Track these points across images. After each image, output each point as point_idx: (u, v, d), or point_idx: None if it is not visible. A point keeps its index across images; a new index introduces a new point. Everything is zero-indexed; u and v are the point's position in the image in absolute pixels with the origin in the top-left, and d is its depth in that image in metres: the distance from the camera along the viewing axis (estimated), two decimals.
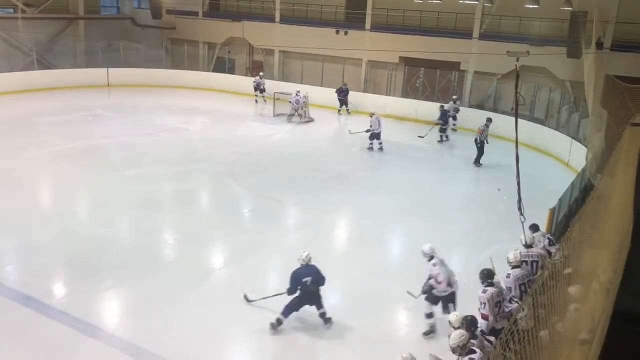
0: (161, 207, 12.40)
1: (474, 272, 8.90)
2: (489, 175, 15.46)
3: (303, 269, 7.87)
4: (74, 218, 11.55)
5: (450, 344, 5.49)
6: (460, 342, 5.42)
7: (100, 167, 14.49)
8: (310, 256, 7.99)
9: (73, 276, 9.15)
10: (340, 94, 21.99)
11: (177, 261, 10.04)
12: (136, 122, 19.30)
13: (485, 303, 6.55)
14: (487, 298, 6.56)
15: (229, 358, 7.47)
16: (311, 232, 11.40)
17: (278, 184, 13.92)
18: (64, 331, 7.53)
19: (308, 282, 7.78)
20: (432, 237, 10.95)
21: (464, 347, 5.45)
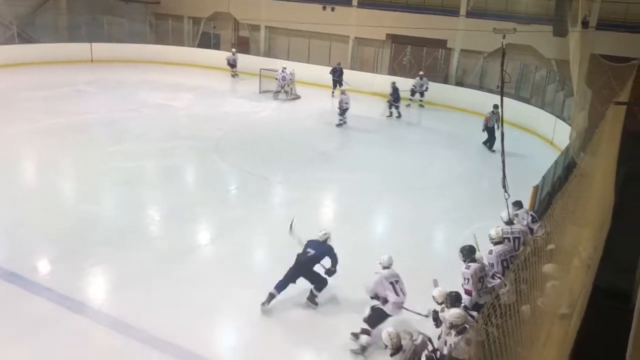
0: (146, 184, 12.33)
1: (457, 248, 9.04)
2: (472, 152, 15.56)
3: (313, 242, 7.93)
4: (58, 194, 11.47)
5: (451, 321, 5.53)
6: (459, 321, 5.49)
7: (84, 143, 14.33)
8: (327, 236, 8.03)
9: (58, 252, 9.11)
10: (335, 74, 21.58)
11: (163, 237, 10.04)
12: (120, 98, 19.07)
13: (469, 279, 6.65)
14: (471, 274, 6.66)
15: (216, 334, 7.51)
16: (296, 210, 11.41)
17: (264, 161, 13.89)
18: (50, 307, 7.52)
19: (309, 254, 7.79)
20: (416, 214, 11.13)
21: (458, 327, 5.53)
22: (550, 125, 16.76)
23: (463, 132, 17.66)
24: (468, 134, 17.14)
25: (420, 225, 10.87)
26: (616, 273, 8.24)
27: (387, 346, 5.30)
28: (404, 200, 11.97)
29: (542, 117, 17.46)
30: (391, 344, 5.27)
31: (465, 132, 17.54)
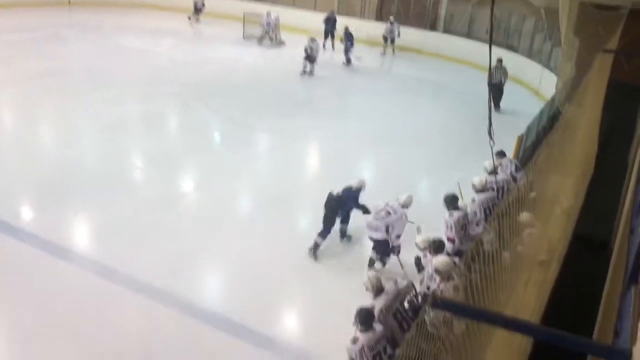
0: (128, 131, 12.16)
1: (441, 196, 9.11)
2: (458, 102, 15.50)
3: (347, 189, 8.17)
4: (40, 141, 11.29)
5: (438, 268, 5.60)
6: (446, 268, 5.56)
7: (64, 89, 14.01)
8: (363, 184, 8.29)
9: (42, 199, 9.04)
10: (328, 23, 20.24)
11: (147, 184, 9.99)
12: (101, 43, 18.54)
13: (452, 226, 6.73)
14: (454, 222, 6.74)
15: (201, 278, 7.58)
16: (280, 157, 11.41)
17: (247, 108, 13.73)
18: (34, 254, 7.52)
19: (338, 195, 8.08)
20: (401, 163, 11.15)
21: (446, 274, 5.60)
22: (536, 75, 16.69)
23: (450, 81, 17.55)
24: (455, 83, 17.05)
25: (404, 173, 10.91)
26: (596, 221, 8.40)
27: (369, 289, 5.38)
28: (388, 148, 11.97)
29: (529, 67, 17.36)
30: (372, 287, 5.36)
31: (452, 81, 17.43)
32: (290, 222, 9.14)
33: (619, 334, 3.31)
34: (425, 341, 3.09)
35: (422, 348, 2.96)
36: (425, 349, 3.03)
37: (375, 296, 5.37)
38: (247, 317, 6.70)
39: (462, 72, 18.15)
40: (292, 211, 9.47)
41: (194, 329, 6.51)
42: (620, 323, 3.38)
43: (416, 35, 20.85)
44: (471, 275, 3.73)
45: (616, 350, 2.64)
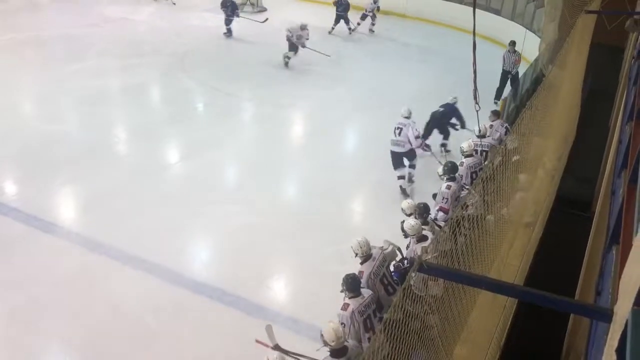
0: (110, 103, 11.98)
1: (428, 161, 9.20)
2: (446, 67, 15.43)
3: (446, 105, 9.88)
4: (17, 114, 11.09)
5: (410, 233, 5.70)
6: (416, 232, 5.65)
7: (42, 60, 13.73)
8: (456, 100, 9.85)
9: (24, 173, 8.95)
10: (339, 7, 18.23)
11: (131, 156, 9.91)
12: (77, 12, 18.06)
13: (448, 198, 6.80)
14: (450, 194, 6.80)
15: (189, 249, 7.61)
16: (267, 126, 11.35)
17: (231, 77, 13.56)
18: (19, 228, 7.49)
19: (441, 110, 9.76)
20: (388, 127, 11.11)
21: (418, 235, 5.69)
22: (519, 37, 16.61)
23: (436, 45, 17.42)
24: (441, 47, 16.93)
25: None
26: (578, 182, 8.52)
27: (357, 254, 5.43)
28: (375, 114, 11.91)
29: (512, 29, 17.24)
30: (361, 252, 5.41)
31: (439, 45, 17.31)
32: (278, 189, 9.17)
33: (600, 293, 3.40)
34: (412, 304, 3.15)
35: (409, 310, 3.02)
36: (412, 311, 3.10)
37: (363, 262, 5.43)
38: (237, 286, 6.77)
39: (448, 36, 17.98)
40: (280, 179, 9.49)
41: (185, 298, 6.57)
42: (602, 282, 3.47)
43: None
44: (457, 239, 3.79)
45: (598, 309, 2.72)
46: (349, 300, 4.93)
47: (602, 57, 12.55)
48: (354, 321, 4.87)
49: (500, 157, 4.69)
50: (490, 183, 4.31)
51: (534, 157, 6.49)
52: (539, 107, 5.79)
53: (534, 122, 5.67)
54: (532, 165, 6.53)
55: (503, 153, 4.69)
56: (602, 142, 9.34)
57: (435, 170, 7.35)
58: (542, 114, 6.10)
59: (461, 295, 3.93)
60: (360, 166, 9.95)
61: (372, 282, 5.31)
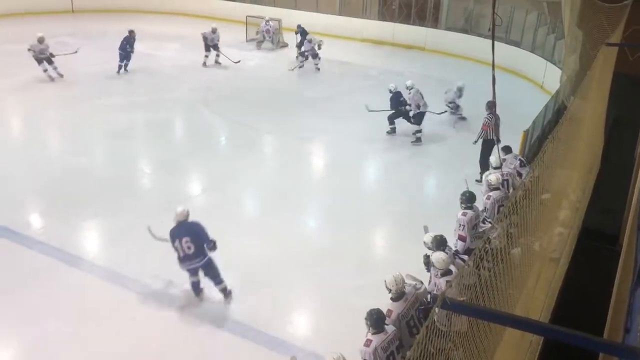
0: (135, 136, 12.22)
1: (450, 193, 9.14)
2: (463, 98, 15.45)
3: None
4: (46, 148, 11.37)
5: (437, 266, 5.63)
6: (445, 265, 5.57)
7: (70, 96, 14.10)
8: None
9: (50, 206, 9.11)
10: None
11: (155, 189, 10.04)
12: (104, 50, 18.60)
13: (464, 225, 6.74)
14: (467, 221, 6.75)
15: (208, 283, 7.60)
16: (287, 159, 11.43)
17: (252, 111, 13.75)
18: (44, 261, 7.59)
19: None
20: (406, 161, 11.15)
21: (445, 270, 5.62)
22: (540, 69, 16.63)
23: (454, 78, 17.47)
24: (459, 79, 16.97)
25: (411, 171, 10.92)
26: (604, 215, 8.37)
27: (391, 290, 5.30)
28: (394, 146, 11.96)
29: (532, 61, 17.29)
30: (395, 289, 5.27)
31: (456, 78, 17.36)
32: (299, 221, 9.17)
33: (629, 331, 3.31)
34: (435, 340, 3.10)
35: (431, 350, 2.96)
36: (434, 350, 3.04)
37: (395, 300, 5.30)
38: (258, 319, 6.73)
39: (466, 68, 18.10)
40: (300, 211, 9.50)
41: (207, 332, 6.55)
42: (631, 320, 3.38)
43: (419, 33, 20.83)
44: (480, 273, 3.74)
45: (626, 348, 2.64)
46: (372, 336, 4.86)
47: (625, 87, 12.46)
48: (376, 357, 4.79)
49: (522, 190, 4.64)
50: (514, 215, 4.26)
51: (558, 189, 6.41)
52: (562, 139, 5.74)
53: (557, 153, 5.62)
54: (556, 198, 6.45)
55: (524, 185, 4.64)
56: (627, 173, 9.20)
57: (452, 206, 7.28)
58: (565, 145, 6.05)
59: (486, 330, 3.86)
60: (380, 198, 9.94)
61: (398, 323, 5.21)
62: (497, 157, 8.25)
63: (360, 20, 22.18)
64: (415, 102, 11.87)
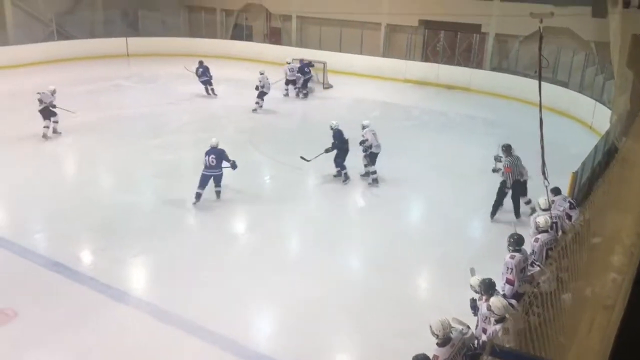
0: (183, 175, 12.52)
1: (496, 235, 8.97)
2: (509, 139, 15.26)
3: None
4: (98, 186, 11.76)
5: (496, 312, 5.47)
6: (502, 312, 5.42)
7: (122, 136, 14.64)
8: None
9: (99, 243, 9.37)
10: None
11: (201, 228, 10.22)
12: (156, 92, 19.37)
13: (512, 268, 6.59)
14: (515, 264, 6.59)
15: (253, 321, 7.62)
16: (331, 199, 11.47)
17: (297, 151, 13.91)
18: (93, 296, 7.76)
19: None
20: (454, 200, 11.02)
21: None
22: (589, 110, 16.34)
23: (501, 117, 17.38)
24: (506, 119, 16.88)
25: (458, 211, 10.77)
26: None
27: (437, 335, 5.18)
28: (440, 186, 11.87)
29: (580, 101, 17.02)
30: (442, 334, 5.14)
31: (504, 117, 17.26)
32: (342, 262, 9.14)
33: None
34: None
35: None
36: None
37: (442, 345, 5.18)
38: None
39: (513, 108, 17.98)
40: (344, 251, 9.48)
41: None
42: None
43: (463, 73, 20.88)
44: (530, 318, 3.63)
45: None
46: None
47: None
48: None
49: (572, 233, 4.53)
50: (565, 259, 4.15)
51: (610, 233, 6.21)
52: (614, 181, 5.60)
53: (608, 196, 5.48)
54: (609, 242, 6.24)
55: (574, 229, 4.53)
56: None
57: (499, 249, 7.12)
58: (617, 187, 5.89)
59: None
60: (425, 239, 9.83)
61: None
62: (546, 199, 8.09)
63: (403, 62, 22.41)
64: (370, 141, 11.88)
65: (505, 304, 5.44)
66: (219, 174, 10.70)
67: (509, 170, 9.95)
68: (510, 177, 9.97)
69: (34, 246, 9.04)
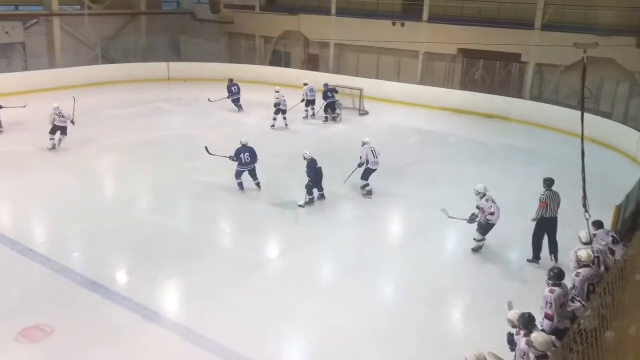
0: (218, 198, 12.66)
1: (536, 269, 8.74)
2: (550, 170, 14.94)
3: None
4: (136, 207, 11.97)
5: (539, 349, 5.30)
6: (547, 349, 5.25)
7: (161, 158, 14.93)
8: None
9: (135, 263, 9.51)
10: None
11: (234, 250, 10.26)
12: (195, 115, 19.76)
13: (552, 303, 6.38)
14: (555, 298, 6.39)
15: (281, 347, 7.56)
16: (365, 225, 11.40)
17: (332, 176, 13.90)
18: (128, 316, 7.84)
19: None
20: (491, 233, 10.78)
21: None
22: (633, 141, 15.92)
23: (540, 148, 17.08)
24: (547, 150, 16.58)
25: (495, 244, 10.54)
26: None
27: None
28: None
29: (624, 133, 16.60)
30: None
31: (544, 148, 16.96)
32: (375, 290, 9.03)
33: None
34: None
35: None
36: None
37: None
38: None
39: (554, 139, 17.67)
40: (377, 279, 9.37)
41: None
42: None
43: (503, 102, 20.67)
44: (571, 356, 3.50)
45: None
46: None
47: None
48: None
49: (616, 269, 4.38)
50: (608, 296, 4.01)
51: None
52: None
53: None
54: None
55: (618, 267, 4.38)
56: None
57: None
58: None
59: None
60: (460, 270, 9.64)
61: None
62: (587, 233, 7.86)
63: (441, 89, 22.35)
64: (366, 158, 12.60)
65: (549, 340, 5.25)
66: (253, 168, 12.60)
67: (544, 206, 9.59)
68: (545, 213, 9.59)
69: (73, 265, 9.22)
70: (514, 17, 21.09)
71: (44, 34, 24.58)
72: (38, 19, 24.28)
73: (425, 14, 23.20)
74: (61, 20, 24.75)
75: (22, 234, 10.25)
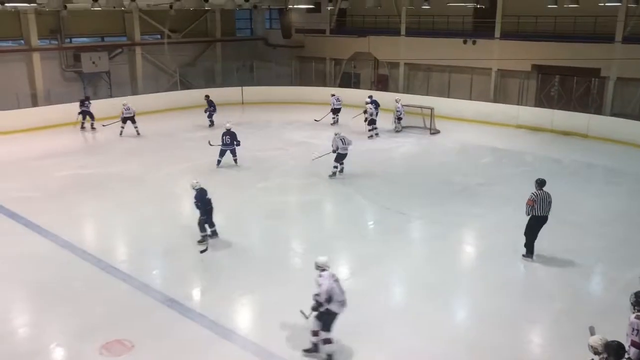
0: (289, 218, 12.85)
1: (620, 292, 8.30)
2: (632, 188, 14.21)
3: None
4: None
5: None
6: None
7: (234, 179, 15.36)
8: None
9: (210, 281, 9.80)
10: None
11: (305, 270, 10.27)
12: (267, 137, 20.23)
13: (639, 330, 6.02)
14: None
15: None
16: (436, 246, 11.20)
17: (402, 196, 13.83)
18: (202, 333, 8.06)
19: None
20: (571, 253, 10.34)
21: None
22: None
23: (622, 166, 16.28)
24: (629, 168, 15.78)
25: (576, 265, 10.09)
26: None
27: None
28: (556, 238, 11.12)
29: None
30: None
31: (625, 166, 16.15)
32: (446, 312, 8.82)
33: None
34: None
35: None
36: None
37: None
38: None
39: (636, 156, 16.80)
40: (448, 301, 9.16)
41: None
42: None
43: (580, 119, 19.88)
44: None
45: None
46: None
47: None
48: None
49: None
50: None
51: None
52: None
53: None
54: None
55: None
56: None
57: None
58: None
59: None
60: (539, 294, 9.27)
61: None
62: None
63: (515, 107, 21.79)
64: (336, 145, 14.94)
65: None
66: (233, 149, 15.97)
67: (530, 204, 10.17)
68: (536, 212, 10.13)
69: (151, 282, 9.60)
70: (591, 30, 20.31)
71: (126, 62, 26.11)
72: (122, 49, 25.81)
73: (497, 31, 22.81)
74: (142, 50, 26.22)
75: (105, 251, 10.80)
